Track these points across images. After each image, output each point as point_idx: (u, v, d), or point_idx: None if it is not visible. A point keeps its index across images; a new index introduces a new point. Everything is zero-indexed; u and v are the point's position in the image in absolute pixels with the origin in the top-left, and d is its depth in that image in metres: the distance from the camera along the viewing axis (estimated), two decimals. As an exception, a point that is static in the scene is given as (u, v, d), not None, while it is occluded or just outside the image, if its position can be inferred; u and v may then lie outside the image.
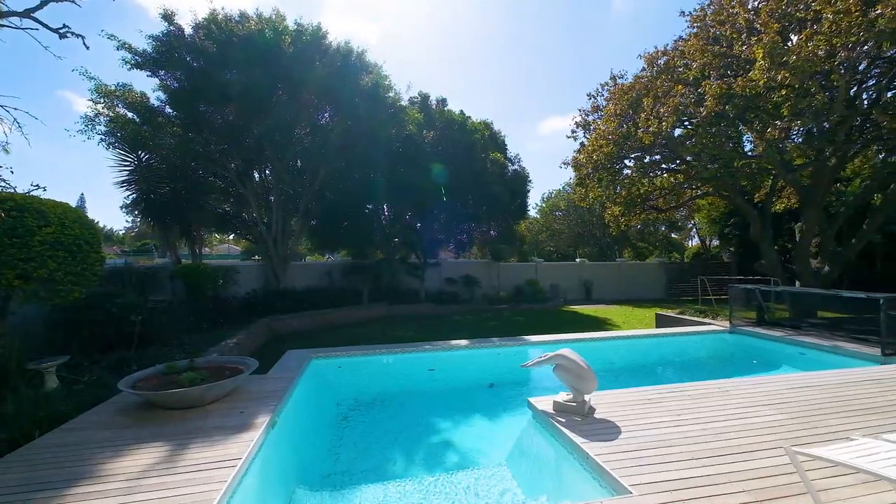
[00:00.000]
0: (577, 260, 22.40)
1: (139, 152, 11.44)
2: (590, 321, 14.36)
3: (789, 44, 9.03)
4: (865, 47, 8.14)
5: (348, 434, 4.85)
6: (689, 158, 13.09)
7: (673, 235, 30.05)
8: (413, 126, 14.91)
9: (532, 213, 26.39)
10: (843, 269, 13.10)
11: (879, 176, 13.48)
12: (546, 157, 63.35)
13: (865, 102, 10.85)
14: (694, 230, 28.45)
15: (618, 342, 7.54)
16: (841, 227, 13.24)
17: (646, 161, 14.35)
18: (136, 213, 12.04)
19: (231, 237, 32.54)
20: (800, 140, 11.71)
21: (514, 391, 6.28)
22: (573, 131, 17.14)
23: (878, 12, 7.48)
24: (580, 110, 16.70)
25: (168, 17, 11.47)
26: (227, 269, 12.82)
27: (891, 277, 15.32)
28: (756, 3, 10.95)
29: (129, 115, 12.24)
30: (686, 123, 12.64)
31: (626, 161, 15.16)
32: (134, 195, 11.54)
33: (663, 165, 15.02)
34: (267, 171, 14.95)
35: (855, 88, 10.47)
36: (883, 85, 10.19)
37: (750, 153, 12.18)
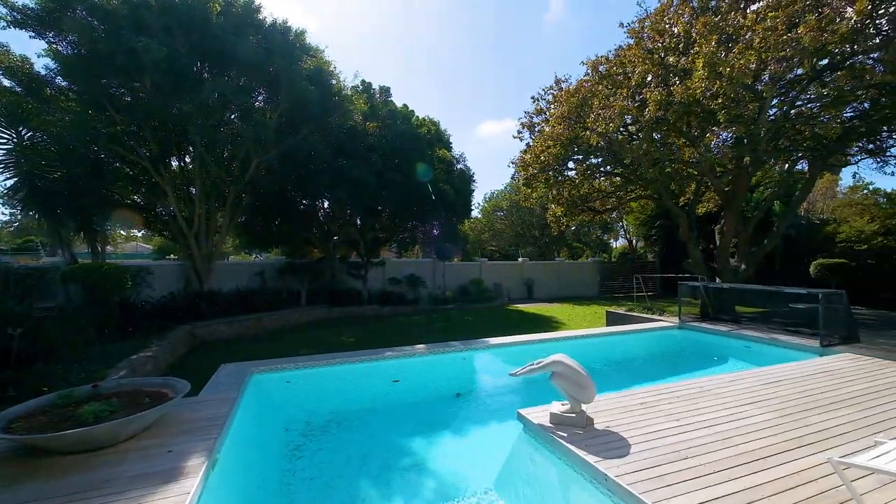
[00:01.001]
0: (520, 259, 22.79)
1: (20, 128, 9.37)
2: (537, 319, 14.52)
3: (721, 55, 9.61)
4: (785, 64, 8.85)
5: (303, 467, 4.07)
6: (627, 162, 13.74)
7: (604, 237, 31.89)
8: (359, 116, 14.02)
9: (474, 212, 26.42)
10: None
11: (785, 185, 15.18)
12: (482, 160, 64.56)
13: (772, 117, 12.01)
14: (622, 231, 30.40)
15: (578, 341, 7.47)
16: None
17: (589, 163, 14.82)
18: (17, 202, 9.87)
19: (140, 234, 28.88)
20: (719, 152, 12.69)
21: (483, 400, 5.88)
22: (519, 132, 17.27)
23: (800, 32, 8.19)
24: (526, 112, 16.88)
25: (60, -34, 9.54)
26: (139, 270, 11.03)
27: (788, 275, 17.33)
28: (688, 18, 11.62)
29: (6, 82, 10.07)
30: (623, 130, 13.20)
31: (570, 163, 15.56)
32: (13, 181, 9.44)
33: (602, 168, 15.61)
34: (188, 159, 13.20)
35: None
36: (789, 102, 11.33)
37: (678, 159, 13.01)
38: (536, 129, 16.71)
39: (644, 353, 7.81)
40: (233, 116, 12.43)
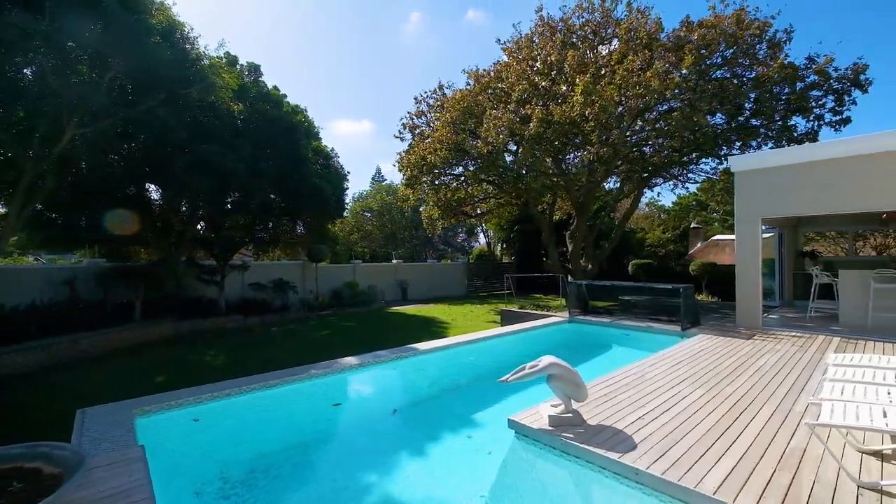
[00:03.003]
0: (394, 261, 22.60)
1: None
2: (423, 322, 14.52)
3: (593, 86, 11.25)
4: (640, 100, 10.82)
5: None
6: (500, 171, 15.04)
7: (466, 240, 34.10)
8: (226, 93, 11.84)
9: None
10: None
11: (612, 200, 18.61)
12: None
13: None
14: (482, 234, 32.98)
15: (495, 340, 7.73)
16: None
17: (469, 168, 15.62)
18: None
19: None
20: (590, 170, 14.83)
21: (429, 413, 5.51)
22: (400, 132, 17.21)
23: (649, 77, 10.15)
24: (408, 112, 16.92)
25: None
26: None
27: (613, 272, 21.31)
28: (557, 46, 13.20)
29: None
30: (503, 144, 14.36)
31: (448, 168, 16.15)
32: None
33: (481, 175, 16.63)
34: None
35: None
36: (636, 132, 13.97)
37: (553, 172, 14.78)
38: (417, 132, 16.88)
39: (549, 346, 8.49)
40: (30, 70, 9.07)
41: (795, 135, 12.24)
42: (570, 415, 3.56)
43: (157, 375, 8.10)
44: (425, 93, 16.54)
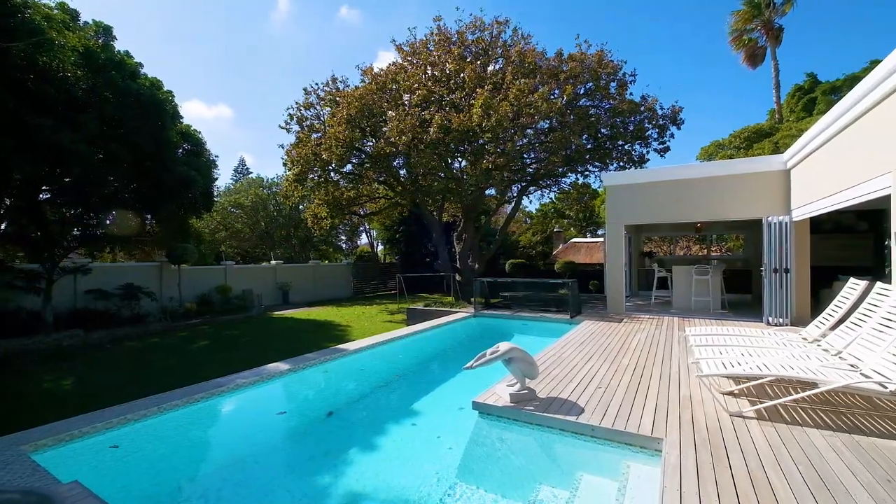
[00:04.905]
0: (273, 262, 20.78)
1: None
2: (319, 327, 13.78)
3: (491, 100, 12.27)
4: (531, 118, 12.19)
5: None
6: (395, 173, 15.36)
7: (348, 240, 33.09)
8: (67, 54, 9.51)
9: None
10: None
11: (496, 204, 20.37)
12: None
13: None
14: (365, 234, 32.45)
15: (413, 337, 7.86)
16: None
17: (366, 167, 15.44)
18: None
19: None
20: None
21: (362, 412, 5.44)
22: (287, 122, 16.12)
23: (536, 98, 11.57)
24: (296, 103, 15.96)
25: None
26: None
27: (492, 271, 23.26)
28: (450, 57, 13.99)
29: None
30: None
31: (348, 166, 15.74)
32: None
33: (375, 175, 16.56)
34: None
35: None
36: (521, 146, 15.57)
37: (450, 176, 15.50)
38: (307, 124, 16.04)
39: (464, 338, 9.02)
40: None
41: (634, 158, 15.30)
42: (526, 391, 4.05)
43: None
44: (316, 84, 15.82)
